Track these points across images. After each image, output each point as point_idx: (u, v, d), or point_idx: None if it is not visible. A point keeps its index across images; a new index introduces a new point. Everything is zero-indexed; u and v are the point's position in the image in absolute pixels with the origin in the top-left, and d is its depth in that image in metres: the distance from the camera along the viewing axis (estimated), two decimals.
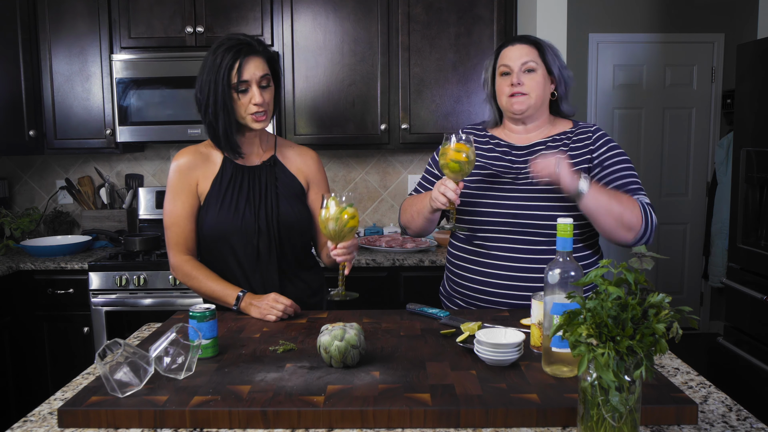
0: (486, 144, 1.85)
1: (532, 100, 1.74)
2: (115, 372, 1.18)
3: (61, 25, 3.11)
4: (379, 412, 1.11)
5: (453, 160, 1.59)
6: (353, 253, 1.62)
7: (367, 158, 3.54)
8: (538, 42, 1.77)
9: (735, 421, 1.13)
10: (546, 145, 1.79)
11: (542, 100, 1.77)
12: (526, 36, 1.80)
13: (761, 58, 2.56)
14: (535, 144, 1.80)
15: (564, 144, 1.78)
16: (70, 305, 2.93)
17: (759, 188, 2.58)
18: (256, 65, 1.70)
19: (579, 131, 1.80)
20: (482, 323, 1.53)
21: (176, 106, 3.05)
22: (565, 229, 1.23)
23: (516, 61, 1.75)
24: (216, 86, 1.68)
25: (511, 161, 1.79)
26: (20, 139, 3.09)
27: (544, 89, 1.76)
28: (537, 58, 1.75)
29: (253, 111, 1.71)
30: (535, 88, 1.74)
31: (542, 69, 1.75)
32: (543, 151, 1.77)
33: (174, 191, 1.80)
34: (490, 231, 1.75)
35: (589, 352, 0.94)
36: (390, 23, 3.09)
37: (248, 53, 1.69)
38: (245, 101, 1.70)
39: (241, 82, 1.68)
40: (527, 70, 1.74)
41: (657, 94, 4.54)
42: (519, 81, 1.74)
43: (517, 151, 1.80)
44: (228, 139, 1.74)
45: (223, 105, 1.69)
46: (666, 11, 4.45)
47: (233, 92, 1.69)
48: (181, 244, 1.80)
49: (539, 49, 1.75)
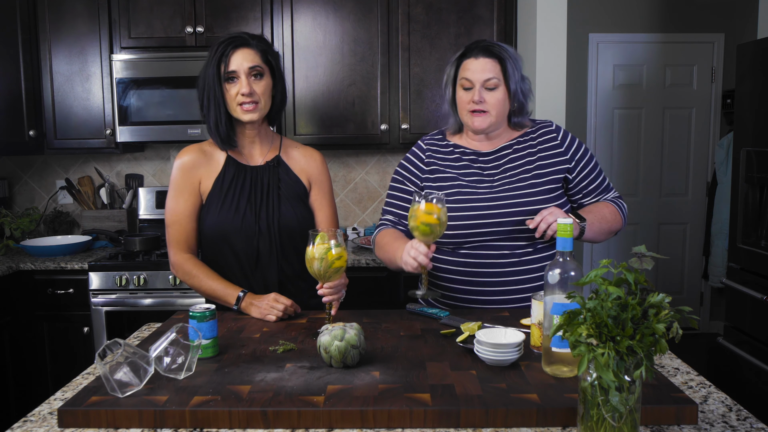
0: (451, 154, 1.82)
1: (493, 118, 1.73)
2: (115, 372, 1.18)
3: (61, 25, 3.11)
4: (379, 412, 1.11)
5: (423, 223, 1.50)
6: (341, 292, 1.62)
7: (367, 158, 3.54)
8: (502, 56, 1.70)
9: (735, 421, 1.13)
10: (512, 148, 1.80)
11: (503, 116, 1.76)
12: (490, 48, 1.71)
13: (761, 58, 2.56)
14: (501, 148, 1.80)
15: (530, 146, 1.80)
16: (70, 305, 2.93)
17: (759, 188, 2.58)
18: (244, 56, 1.72)
19: (540, 131, 1.82)
20: (482, 323, 1.53)
21: (176, 106, 3.05)
22: (565, 229, 1.23)
23: (478, 75, 1.69)
24: (207, 79, 1.72)
25: (480, 168, 1.78)
26: (20, 139, 3.09)
27: (504, 105, 1.73)
28: (499, 73, 1.70)
29: (241, 101, 1.72)
30: (496, 105, 1.71)
31: (503, 85, 1.71)
32: (510, 154, 1.79)
33: (177, 189, 1.80)
34: (474, 242, 1.74)
35: (589, 352, 0.94)
36: (390, 23, 3.09)
37: (238, 45, 1.72)
38: (233, 92, 1.72)
39: (229, 72, 1.71)
40: (488, 87, 1.70)
41: (657, 94, 4.54)
42: (480, 98, 1.70)
43: (484, 158, 1.80)
44: (218, 129, 1.75)
45: (213, 96, 1.72)
46: (666, 11, 4.46)
47: (224, 83, 1.72)
48: (182, 243, 1.80)
49: (502, 64, 1.70)
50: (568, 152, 1.79)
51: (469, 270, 1.76)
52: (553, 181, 1.76)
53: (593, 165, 1.83)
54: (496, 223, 1.71)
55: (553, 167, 1.77)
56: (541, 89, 2.83)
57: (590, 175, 1.82)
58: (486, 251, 1.74)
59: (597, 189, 1.84)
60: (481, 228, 1.72)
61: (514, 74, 1.71)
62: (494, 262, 1.74)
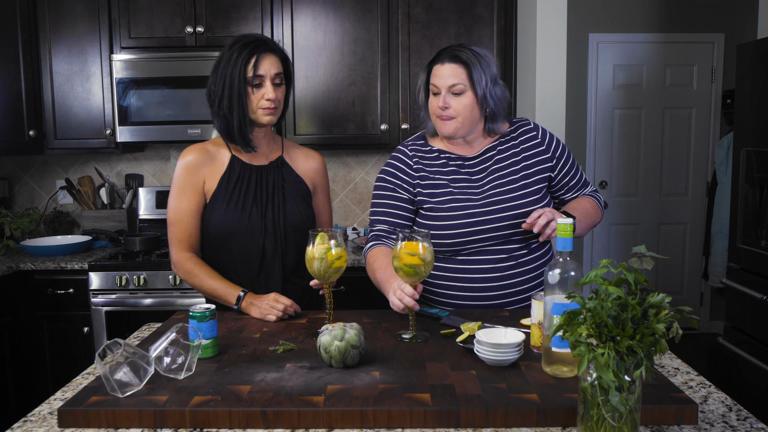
0: (437, 159, 1.80)
1: (459, 124, 1.72)
2: (115, 372, 1.18)
3: (61, 25, 3.11)
4: (379, 412, 1.11)
5: (407, 265, 1.44)
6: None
7: (367, 158, 3.54)
8: (467, 61, 1.68)
9: (735, 421, 1.13)
10: (496, 149, 1.80)
11: (471, 121, 1.73)
12: (456, 54, 1.69)
13: (761, 58, 2.56)
14: (485, 151, 1.80)
15: (513, 146, 1.80)
16: (70, 305, 2.93)
17: (759, 188, 2.58)
18: (271, 62, 1.74)
19: (520, 129, 1.83)
20: (482, 323, 1.53)
21: (176, 106, 3.05)
22: (565, 229, 1.23)
23: (443, 81, 1.69)
24: (232, 80, 1.71)
25: (468, 174, 1.78)
26: (20, 139, 3.09)
27: (472, 111, 1.71)
28: (465, 79, 1.68)
29: (265, 106, 1.74)
30: (462, 111, 1.70)
31: (470, 90, 1.69)
32: (494, 156, 1.78)
33: (180, 188, 1.79)
34: (472, 247, 1.73)
35: (589, 352, 0.94)
36: (390, 23, 3.09)
37: (265, 50, 1.73)
38: (258, 96, 1.73)
39: (257, 76, 1.72)
40: (454, 93, 1.69)
41: (657, 94, 4.54)
42: (446, 104, 1.70)
43: (470, 162, 1.80)
44: (242, 132, 1.76)
45: (238, 98, 1.72)
46: (666, 11, 4.45)
47: (248, 87, 1.72)
48: (185, 242, 1.80)
49: (468, 69, 1.68)
50: (549, 150, 1.81)
51: (466, 276, 1.75)
52: (540, 181, 1.79)
53: (572, 161, 1.86)
54: (491, 228, 1.72)
55: (537, 166, 1.79)
56: (541, 89, 2.83)
57: (570, 171, 1.85)
58: (483, 256, 1.74)
59: (577, 184, 1.87)
60: (477, 234, 1.72)
61: (481, 79, 1.68)
62: (491, 267, 1.74)
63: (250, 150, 1.80)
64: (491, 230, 1.72)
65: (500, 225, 1.72)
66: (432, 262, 1.47)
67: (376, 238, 1.79)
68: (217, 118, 1.77)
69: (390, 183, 1.81)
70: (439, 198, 1.75)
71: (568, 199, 1.87)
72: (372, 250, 1.76)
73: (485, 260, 1.74)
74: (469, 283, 1.75)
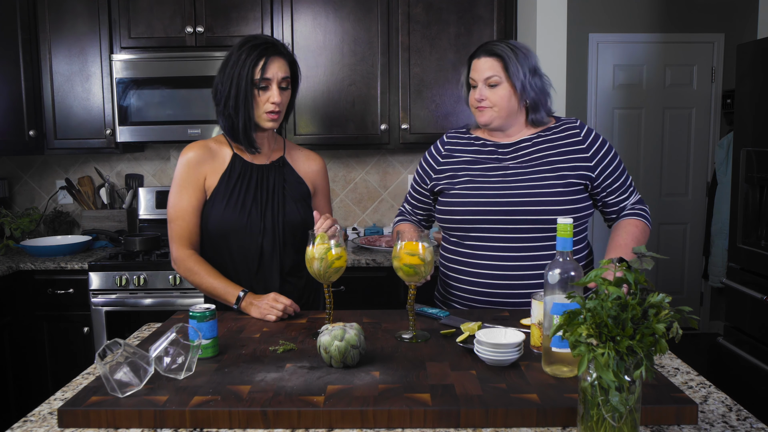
0: (471, 145, 1.86)
1: (496, 113, 1.77)
2: (115, 372, 1.18)
3: (61, 25, 3.11)
4: (379, 412, 1.11)
5: (407, 265, 1.44)
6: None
7: (367, 158, 3.54)
8: (502, 54, 1.74)
9: (735, 421, 1.13)
10: (532, 141, 1.81)
11: (509, 111, 1.78)
12: (491, 48, 1.77)
13: (761, 58, 2.56)
14: (520, 141, 1.82)
15: (551, 140, 1.81)
16: (70, 305, 2.93)
17: (759, 188, 2.58)
18: (279, 66, 1.74)
19: (563, 126, 1.83)
20: (482, 323, 1.53)
21: (176, 106, 3.05)
22: (565, 229, 1.23)
23: (480, 74, 1.77)
24: (239, 81, 1.71)
25: (498, 159, 1.81)
26: (20, 139, 3.09)
27: (509, 101, 1.76)
28: (500, 71, 1.74)
29: (269, 110, 1.74)
30: (498, 101, 1.76)
31: (506, 82, 1.75)
32: (529, 147, 1.80)
33: (181, 184, 1.79)
34: (482, 230, 1.75)
35: (589, 352, 0.94)
36: (390, 23, 3.09)
37: (274, 53, 1.73)
38: (263, 99, 1.73)
39: (264, 79, 1.72)
40: (490, 84, 1.76)
41: (657, 94, 4.54)
42: (482, 96, 1.77)
43: (503, 149, 1.82)
44: (246, 132, 1.76)
45: (245, 99, 1.72)
46: (666, 11, 4.46)
47: (254, 89, 1.72)
48: (185, 238, 1.80)
49: (503, 62, 1.74)
50: (589, 150, 1.79)
51: (474, 262, 1.76)
52: (572, 179, 1.75)
53: (616, 164, 1.81)
54: (501, 212, 1.72)
55: (572, 163, 1.77)
56: None
57: (613, 174, 1.80)
58: (492, 243, 1.75)
59: (620, 189, 1.81)
60: (487, 215, 1.73)
61: (518, 71, 1.73)
62: (499, 255, 1.74)
63: (253, 151, 1.80)
64: (501, 213, 1.72)
65: (514, 214, 1.71)
66: (432, 262, 1.48)
67: (401, 214, 2.05)
68: (222, 117, 1.77)
69: (420, 168, 1.95)
70: (457, 179, 1.80)
71: (611, 203, 1.82)
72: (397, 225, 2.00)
73: (494, 247, 1.74)
74: (476, 269, 1.77)
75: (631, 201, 1.84)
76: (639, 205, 1.84)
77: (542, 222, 1.71)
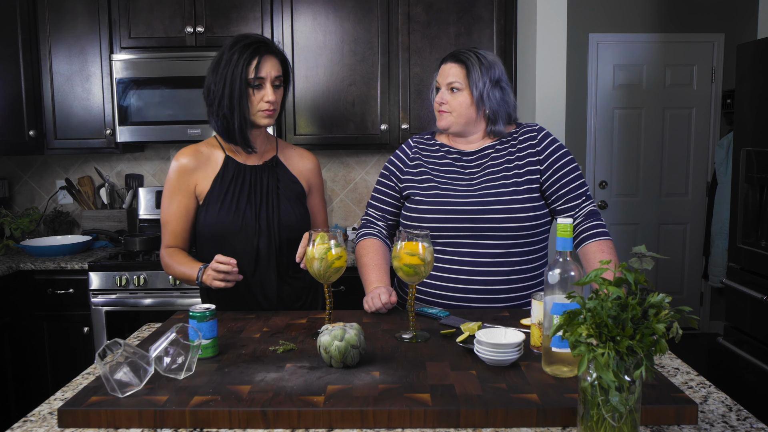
0: (437, 152, 1.87)
1: (454, 118, 1.79)
2: (115, 372, 1.18)
3: (61, 25, 3.11)
4: (379, 412, 1.11)
5: (407, 265, 1.45)
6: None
7: (367, 158, 3.54)
8: (466, 62, 1.77)
9: (735, 421, 1.13)
10: (494, 148, 1.82)
11: (467, 119, 1.80)
12: (458, 55, 1.80)
13: (761, 58, 2.56)
14: (484, 148, 1.83)
15: (511, 146, 1.82)
16: (70, 305, 2.93)
17: (759, 188, 2.58)
18: (272, 64, 1.74)
19: (522, 131, 1.84)
20: (482, 323, 1.53)
21: (176, 106, 3.05)
22: (565, 229, 1.23)
23: (444, 78, 1.80)
24: (233, 80, 1.71)
25: (462, 167, 1.82)
26: (20, 139, 3.09)
27: (467, 109, 1.78)
28: (462, 78, 1.77)
29: (264, 108, 1.74)
30: (457, 107, 1.78)
31: (467, 90, 1.77)
32: (492, 154, 1.81)
33: (171, 191, 1.80)
34: (449, 237, 1.75)
35: (589, 352, 0.94)
36: (390, 23, 3.09)
37: (266, 52, 1.74)
38: (258, 98, 1.74)
39: (258, 78, 1.72)
40: (452, 89, 1.78)
41: (657, 94, 4.54)
42: (443, 99, 1.80)
43: (467, 157, 1.83)
44: (242, 132, 1.76)
45: (239, 99, 1.72)
46: (666, 11, 4.46)
47: (248, 88, 1.72)
48: (171, 242, 1.83)
49: (466, 69, 1.76)
50: (542, 153, 1.79)
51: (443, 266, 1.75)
52: (530, 184, 1.75)
53: (569, 169, 1.77)
54: (468, 220, 1.72)
55: (528, 167, 1.78)
56: (541, 89, 2.83)
57: (563, 178, 1.76)
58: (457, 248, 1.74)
59: (569, 194, 1.76)
60: (452, 222, 1.73)
61: (478, 80, 1.75)
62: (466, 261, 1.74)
63: (249, 151, 1.80)
64: (469, 224, 1.72)
65: (481, 222, 1.72)
66: (432, 262, 1.48)
67: (365, 224, 1.92)
68: (216, 118, 1.76)
69: (387, 171, 1.91)
70: (425, 185, 1.81)
71: (560, 210, 1.77)
72: (361, 241, 1.88)
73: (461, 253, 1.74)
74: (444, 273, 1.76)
75: (583, 212, 1.76)
76: (592, 221, 1.75)
77: (506, 230, 1.71)
